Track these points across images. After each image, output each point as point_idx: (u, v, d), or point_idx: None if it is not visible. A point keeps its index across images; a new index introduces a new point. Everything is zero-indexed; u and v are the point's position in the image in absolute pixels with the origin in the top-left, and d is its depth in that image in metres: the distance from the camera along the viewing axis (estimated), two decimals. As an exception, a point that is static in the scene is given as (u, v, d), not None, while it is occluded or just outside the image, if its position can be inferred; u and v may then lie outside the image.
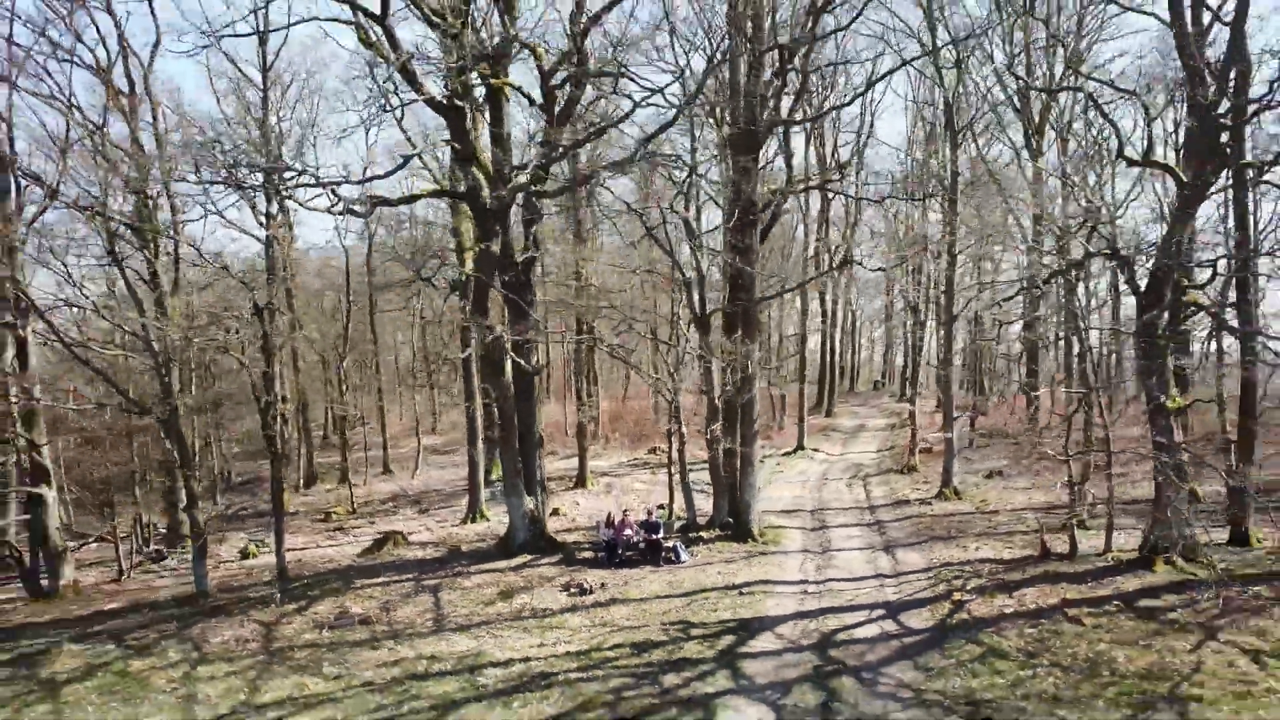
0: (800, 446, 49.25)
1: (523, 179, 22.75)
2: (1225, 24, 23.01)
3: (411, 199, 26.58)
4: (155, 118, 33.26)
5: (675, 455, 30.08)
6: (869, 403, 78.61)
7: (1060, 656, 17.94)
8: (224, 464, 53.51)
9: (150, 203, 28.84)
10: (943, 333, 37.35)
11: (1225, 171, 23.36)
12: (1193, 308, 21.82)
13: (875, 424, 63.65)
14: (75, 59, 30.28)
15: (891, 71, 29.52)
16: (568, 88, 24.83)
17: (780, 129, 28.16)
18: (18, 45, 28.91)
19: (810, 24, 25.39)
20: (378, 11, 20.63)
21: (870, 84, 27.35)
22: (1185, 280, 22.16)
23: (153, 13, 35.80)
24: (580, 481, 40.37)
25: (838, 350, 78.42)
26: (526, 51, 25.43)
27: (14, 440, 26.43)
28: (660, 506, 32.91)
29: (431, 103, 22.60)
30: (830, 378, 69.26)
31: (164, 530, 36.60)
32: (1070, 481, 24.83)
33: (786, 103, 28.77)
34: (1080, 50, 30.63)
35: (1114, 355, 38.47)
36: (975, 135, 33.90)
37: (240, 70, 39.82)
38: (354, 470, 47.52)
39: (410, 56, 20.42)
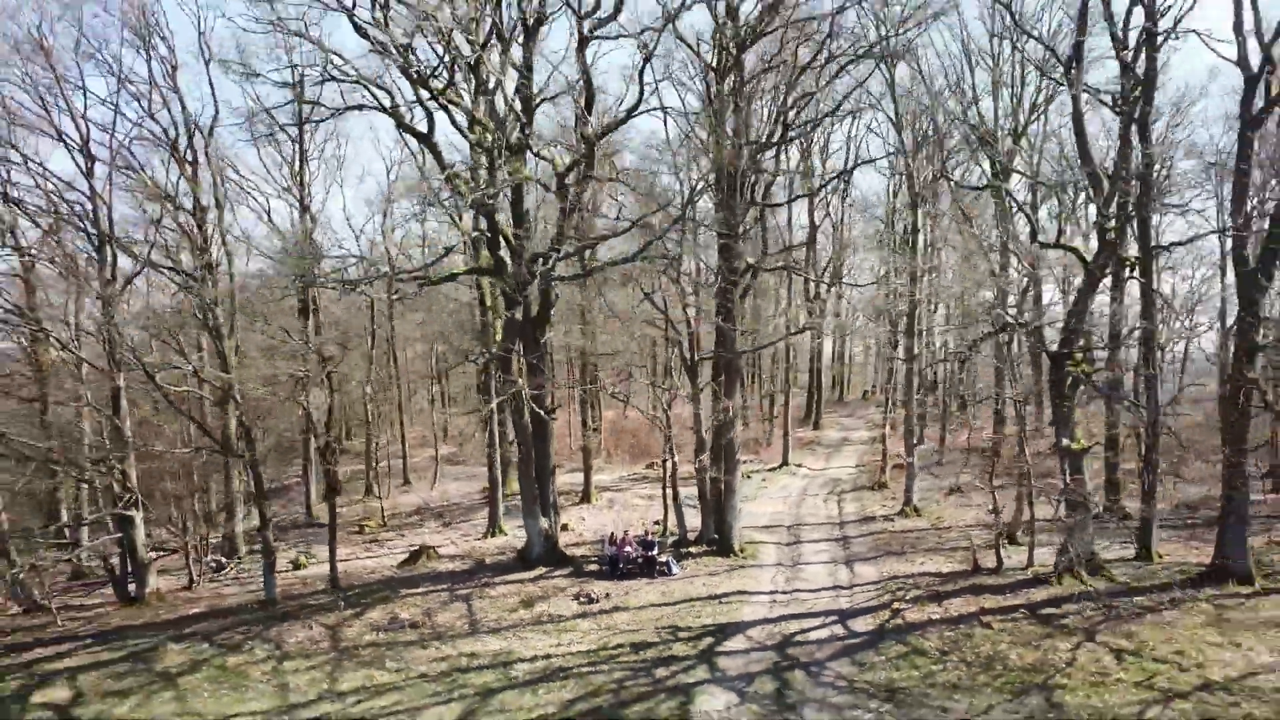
0: (785, 462, 54.05)
1: (543, 268, 27.63)
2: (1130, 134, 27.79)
3: (451, 277, 31.47)
4: (215, 183, 38.09)
5: (669, 480, 34.91)
6: (856, 413, 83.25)
7: (967, 654, 22.84)
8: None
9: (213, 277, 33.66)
10: (906, 369, 42.21)
11: (1122, 255, 28.17)
12: (1072, 374, 26.60)
13: (858, 436, 68.33)
14: (157, 141, 35.06)
15: (854, 167, 34.63)
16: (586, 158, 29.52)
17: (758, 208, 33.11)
18: (121, 142, 33.66)
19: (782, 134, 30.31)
20: (424, 130, 25.45)
21: (840, 175, 32.35)
22: (1082, 350, 26.98)
23: (213, 93, 40.64)
24: (585, 497, 45.23)
25: (829, 355, 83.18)
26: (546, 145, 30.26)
27: (112, 472, 31.28)
28: (656, 523, 37.84)
29: (471, 203, 27.34)
30: (818, 392, 73.91)
31: (217, 541, 41.45)
32: (994, 508, 29.69)
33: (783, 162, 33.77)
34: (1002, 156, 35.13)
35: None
36: (933, 219, 38.91)
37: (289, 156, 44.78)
38: (376, 480, 52.36)
39: (454, 173, 25.21)
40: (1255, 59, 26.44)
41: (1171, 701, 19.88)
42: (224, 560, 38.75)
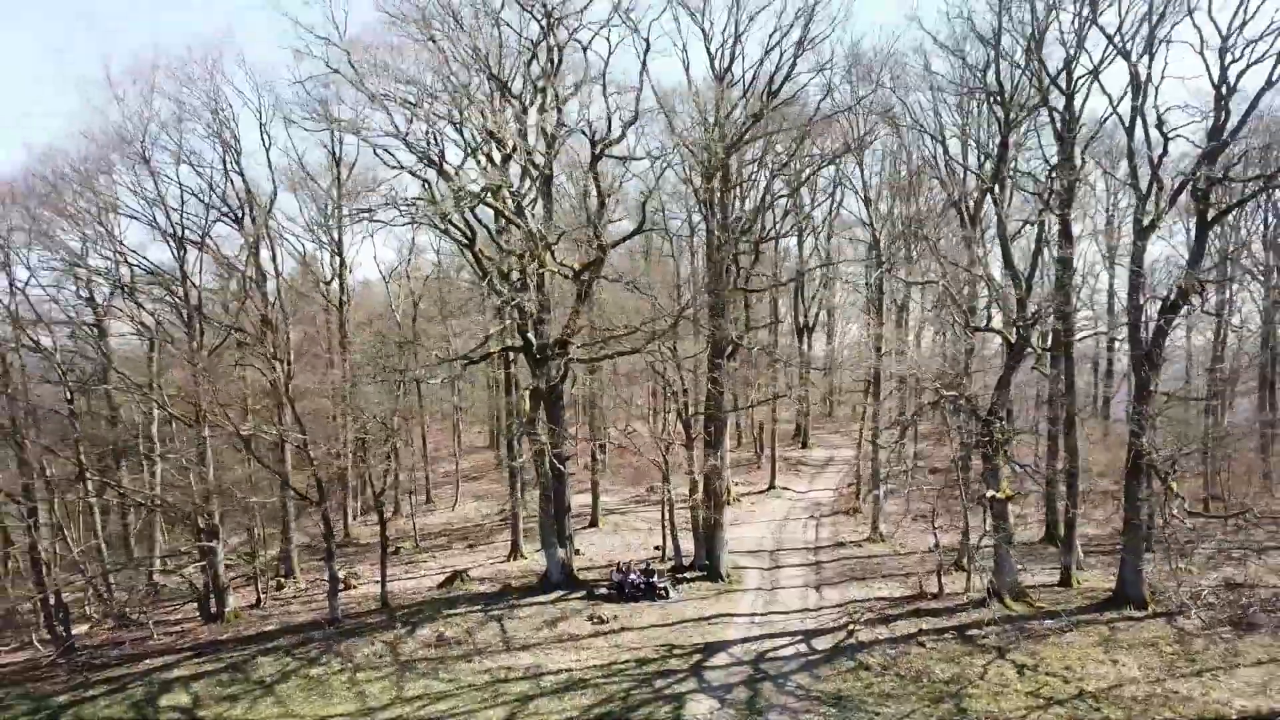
0: (772, 485, 60.06)
1: (561, 353, 33.61)
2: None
3: (487, 356, 37.47)
4: (274, 257, 44.07)
5: (668, 516, 40.92)
6: (843, 430, 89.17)
7: (902, 669, 28.88)
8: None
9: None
10: (873, 412, 48.21)
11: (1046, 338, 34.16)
12: (989, 446, 32.55)
13: (843, 455, 74.13)
14: (227, 219, 40.99)
15: (826, 265, 40.50)
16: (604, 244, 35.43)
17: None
18: (202, 228, 39.58)
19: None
20: (467, 239, 31.25)
21: (819, 266, 38.27)
22: (1000, 422, 32.95)
23: (272, 176, 46.57)
24: (594, 521, 51.27)
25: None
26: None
27: (199, 512, 37.29)
28: (656, 548, 43.92)
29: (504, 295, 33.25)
30: (807, 413, 79.78)
31: (274, 562, 47.44)
32: (936, 544, 35.71)
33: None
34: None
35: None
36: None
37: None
38: (401, 497, 58.38)
39: (492, 278, 31.13)
40: (1144, 181, 32.40)
41: (1050, 707, 25.93)
42: (283, 580, 44.81)
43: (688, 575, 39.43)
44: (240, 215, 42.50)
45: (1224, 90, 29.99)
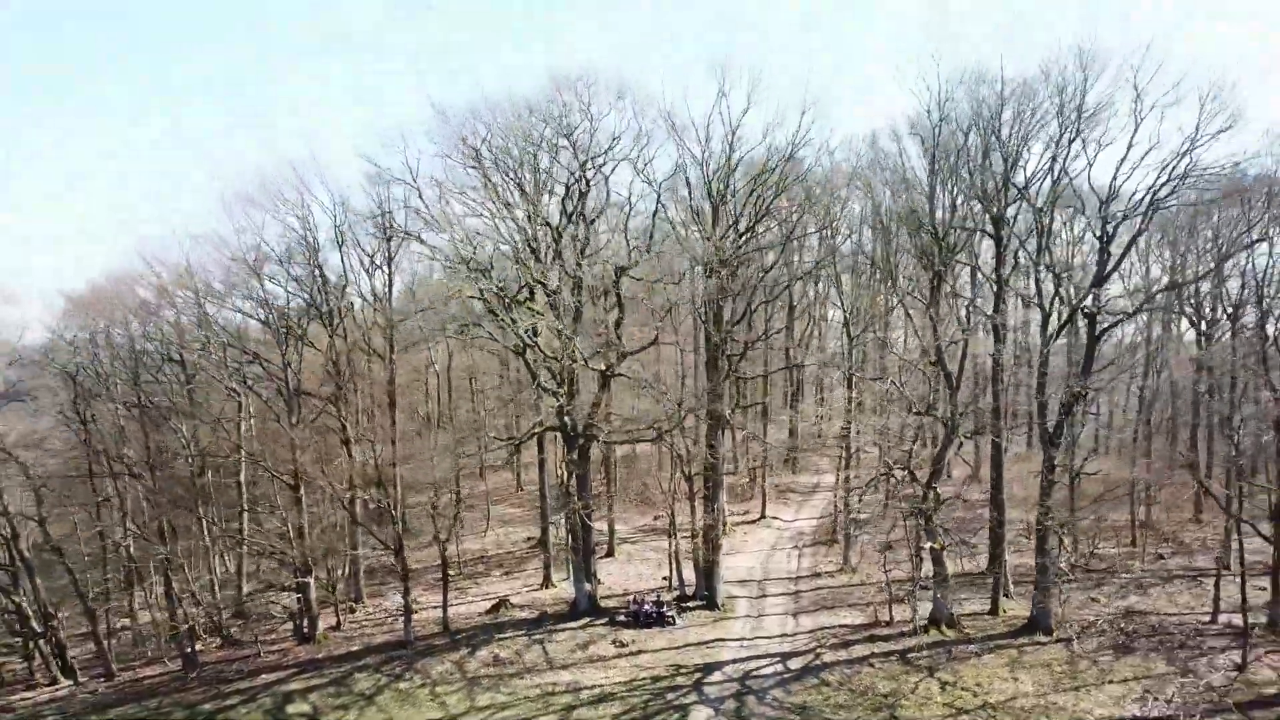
0: (763, 515, 69.09)
1: (589, 433, 42.64)
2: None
3: (531, 434, 46.34)
4: (347, 340, 52.97)
5: (674, 554, 49.96)
6: (832, 451, 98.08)
7: (854, 685, 37.95)
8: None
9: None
10: (845, 477, 57.23)
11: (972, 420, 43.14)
12: (926, 509, 41.53)
13: (828, 481, 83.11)
14: (312, 310, 49.94)
15: (802, 365, 49.65)
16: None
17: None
18: (296, 318, 48.57)
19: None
20: (519, 352, 40.24)
21: (794, 366, 47.36)
22: (934, 490, 41.96)
23: (344, 268, 55.43)
24: (610, 551, 60.29)
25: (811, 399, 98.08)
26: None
27: (293, 557, 46.34)
28: (664, 578, 52.96)
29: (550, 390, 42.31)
30: (795, 449, 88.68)
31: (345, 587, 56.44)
32: (887, 582, 44.76)
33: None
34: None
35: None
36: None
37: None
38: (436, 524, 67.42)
39: (540, 380, 40.26)
40: (1047, 300, 41.36)
41: (960, 716, 35.02)
42: (354, 605, 53.92)
43: (690, 605, 48.49)
44: (326, 312, 51.38)
45: (1104, 239, 38.96)
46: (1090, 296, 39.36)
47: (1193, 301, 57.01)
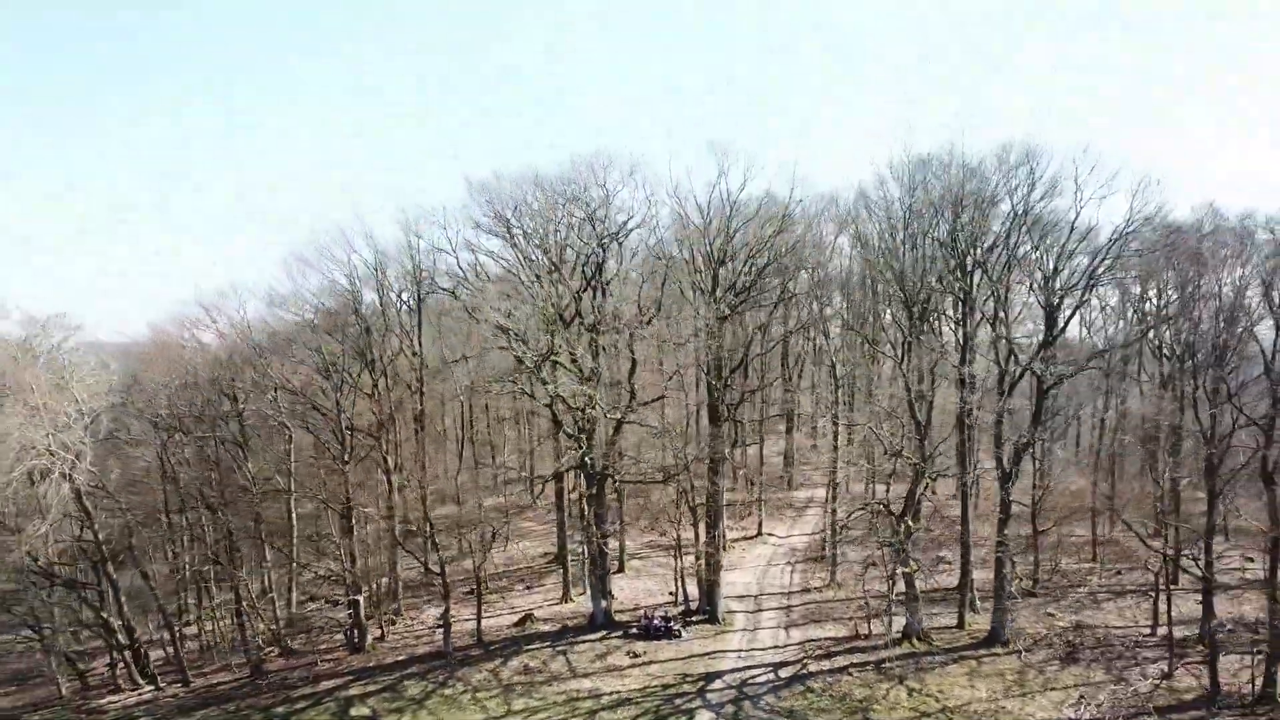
0: (760, 532, 75.57)
1: (605, 472, 49.22)
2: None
3: (557, 475, 52.92)
4: (390, 392, 59.41)
5: (679, 573, 56.44)
6: (824, 465, 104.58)
7: (835, 692, 44.45)
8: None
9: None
10: (832, 509, 63.69)
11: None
12: (899, 539, 47.97)
13: (821, 495, 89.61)
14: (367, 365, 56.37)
15: (793, 411, 56.10)
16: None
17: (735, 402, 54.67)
18: (348, 371, 55.09)
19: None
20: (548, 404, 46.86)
21: (782, 415, 53.82)
22: (906, 522, 48.42)
23: (384, 318, 61.89)
24: (621, 567, 66.75)
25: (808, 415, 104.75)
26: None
27: (346, 577, 52.83)
28: (671, 593, 59.44)
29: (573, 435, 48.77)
30: (791, 464, 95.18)
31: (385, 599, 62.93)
32: (866, 601, 51.25)
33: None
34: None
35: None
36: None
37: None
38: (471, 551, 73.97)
39: (565, 427, 46.86)
40: (1003, 361, 47.79)
41: (924, 719, 41.51)
42: (394, 618, 60.45)
43: (694, 619, 55.00)
44: (370, 361, 57.78)
45: (1051, 310, 45.37)
46: (1038, 359, 45.77)
47: (1156, 342, 63.61)
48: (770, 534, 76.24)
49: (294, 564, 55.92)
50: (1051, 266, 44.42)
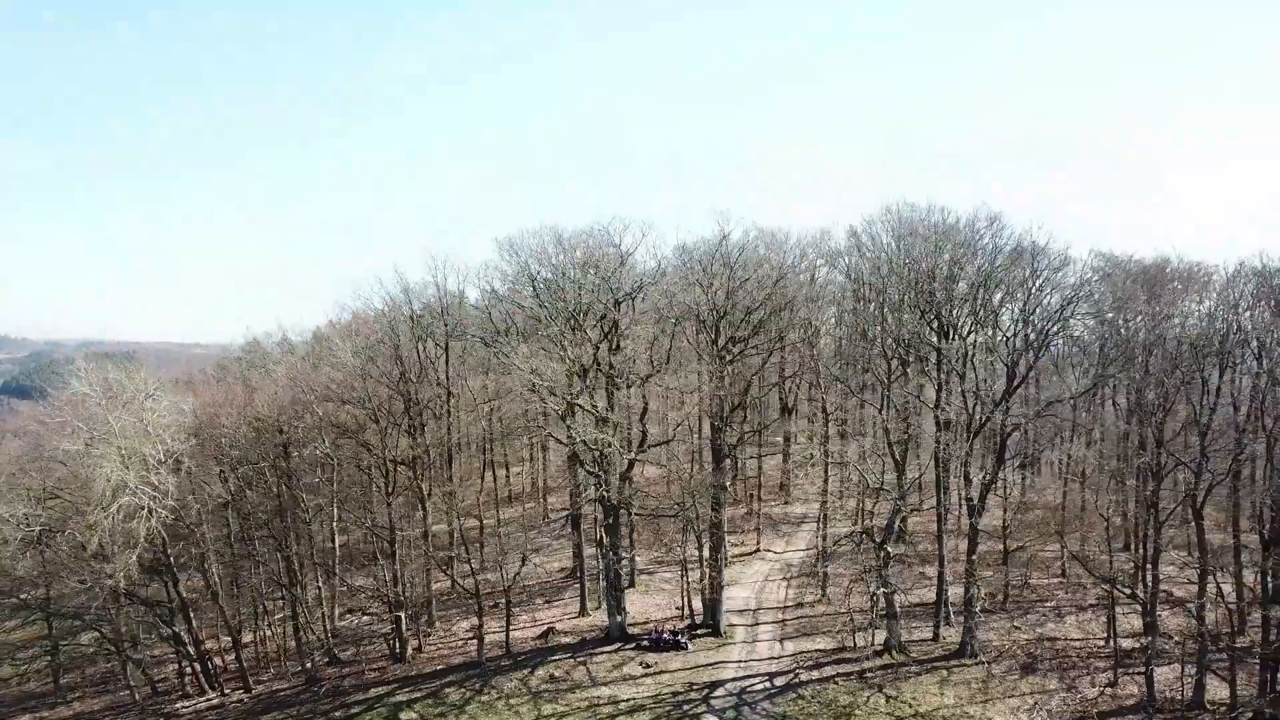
0: (758, 548, 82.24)
1: (621, 507, 55.91)
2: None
3: (576, 509, 59.65)
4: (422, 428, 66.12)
5: (685, 590, 63.13)
6: (821, 479, 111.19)
7: (823, 698, 51.15)
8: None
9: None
10: (823, 535, 70.41)
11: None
12: (879, 562, 54.62)
13: (815, 511, 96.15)
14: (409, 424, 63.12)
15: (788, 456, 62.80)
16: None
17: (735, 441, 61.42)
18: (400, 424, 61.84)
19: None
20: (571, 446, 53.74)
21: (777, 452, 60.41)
22: (885, 549, 55.10)
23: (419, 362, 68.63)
24: (631, 582, 73.42)
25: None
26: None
27: (390, 595, 59.54)
28: (678, 608, 66.15)
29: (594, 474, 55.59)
30: (788, 479, 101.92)
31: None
32: (850, 617, 57.95)
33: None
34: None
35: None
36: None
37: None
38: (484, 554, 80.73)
39: (587, 467, 53.66)
40: (969, 409, 54.43)
41: (897, 722, 48.21)
42: (428, 630, 67.18)
43: (699, 632, 61.69)
44: (412, 403, 64.42)
45: (1010, 365, 52.04)
46: (998, 409, 52.45)
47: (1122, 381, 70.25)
48: (768, 550, 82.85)
49: (335, 581, 62.59)
50: (1011, 328, 51.10)
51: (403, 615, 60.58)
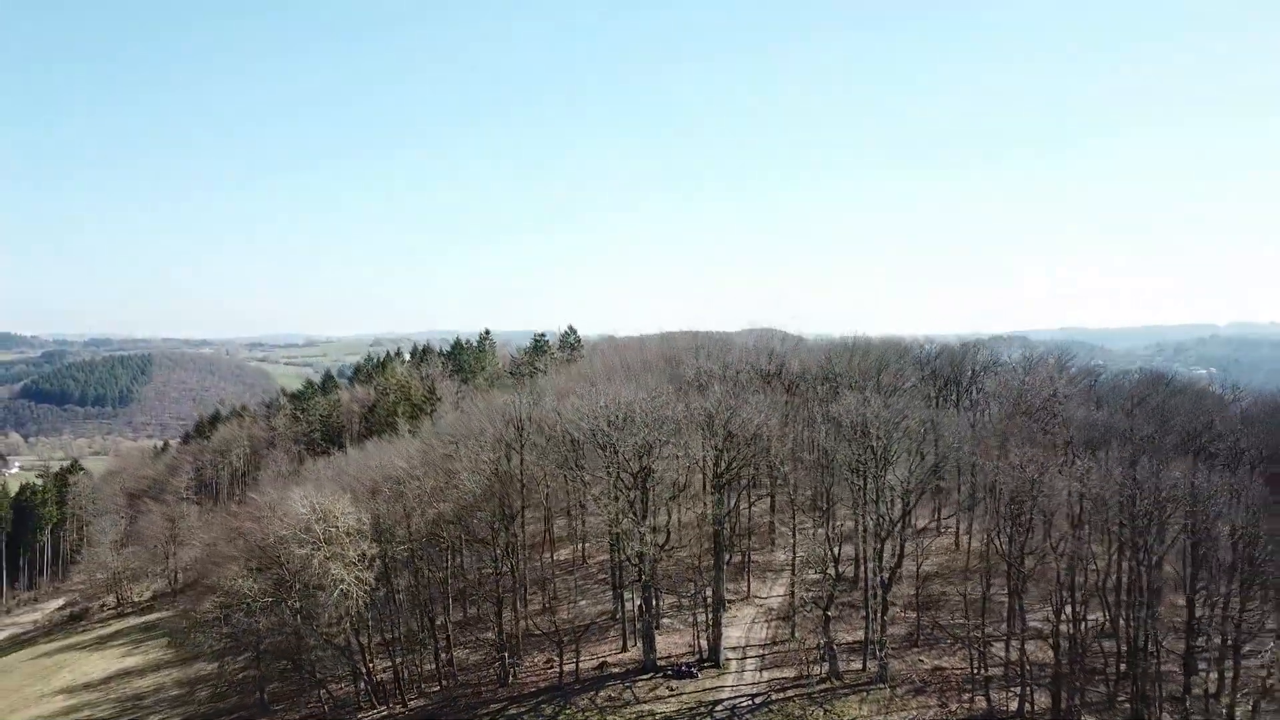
0: (748, 595, 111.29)
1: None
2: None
3: (629, 584, 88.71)
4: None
5: (696, 632, 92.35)
6: (806, 522, 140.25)
7: (784, 713, 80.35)
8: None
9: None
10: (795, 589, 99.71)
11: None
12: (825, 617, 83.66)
13: (799, 558, 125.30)
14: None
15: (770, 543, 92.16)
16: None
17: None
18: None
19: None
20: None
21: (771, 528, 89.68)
22: (826, 615, 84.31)
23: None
24: (658, 625, 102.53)
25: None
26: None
27: (501, 639, 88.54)
28: (690, 646, 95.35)
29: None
30: (774, 523, 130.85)
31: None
32: (817, 646, 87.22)
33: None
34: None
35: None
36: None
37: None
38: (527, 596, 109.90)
39: (628, 562, 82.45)
40: (883, 519, 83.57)
41: (830, 727, 77.44)
42: (509, 659, 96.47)
43: (705, 665, 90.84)
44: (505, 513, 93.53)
45: (905, 499, 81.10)
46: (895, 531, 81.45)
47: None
48: (755, 595, 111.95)
49: (449, 628, 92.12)
50: (906, 472, 79.90)
51: (506, 653, 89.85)
